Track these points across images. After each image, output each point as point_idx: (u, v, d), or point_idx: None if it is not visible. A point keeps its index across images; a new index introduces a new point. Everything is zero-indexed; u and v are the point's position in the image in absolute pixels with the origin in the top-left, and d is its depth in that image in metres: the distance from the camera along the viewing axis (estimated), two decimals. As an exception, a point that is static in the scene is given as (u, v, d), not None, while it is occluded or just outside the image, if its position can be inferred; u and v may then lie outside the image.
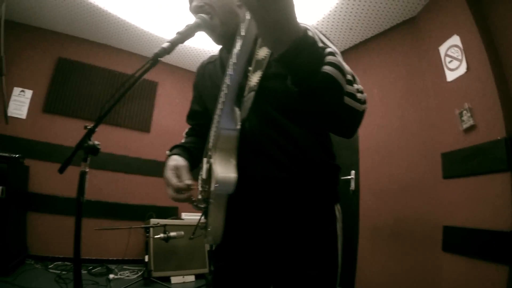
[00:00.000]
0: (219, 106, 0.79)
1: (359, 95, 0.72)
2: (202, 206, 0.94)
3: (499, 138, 2.26)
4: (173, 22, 3.84)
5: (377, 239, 3.23)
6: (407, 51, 3.43)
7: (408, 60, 3.39)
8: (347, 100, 0.68)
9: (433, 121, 2.99)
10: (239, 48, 0.65)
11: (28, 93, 3.93)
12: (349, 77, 0.69)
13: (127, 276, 3.46)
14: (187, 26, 0.99)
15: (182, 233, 2.74)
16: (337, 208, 0.91)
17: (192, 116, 1.25)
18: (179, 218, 4.32)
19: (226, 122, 0.78)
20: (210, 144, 0.89)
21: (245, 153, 0.84)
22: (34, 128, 3.89)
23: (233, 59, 0.68)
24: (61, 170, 1.17)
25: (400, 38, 3.53)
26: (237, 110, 0.80)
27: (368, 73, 3.76)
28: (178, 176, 0.91)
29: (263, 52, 0.85)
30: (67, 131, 4.03)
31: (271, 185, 0.84)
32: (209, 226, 0.87)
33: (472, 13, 2.60)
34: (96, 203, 3.97)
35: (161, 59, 0.95)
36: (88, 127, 1.13)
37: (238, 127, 0.79)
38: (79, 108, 4.21)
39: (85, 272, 3.38)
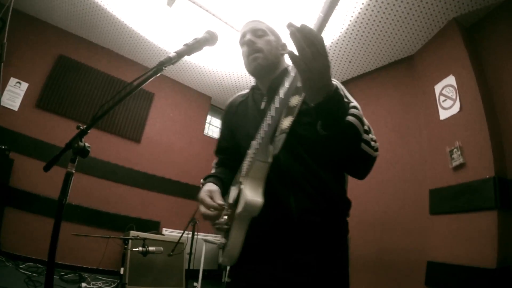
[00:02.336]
0: (258, 140, 0.92)
1: (373, 143, 0.90)
2: (225, 227, 1.02)
3: (487, 177, 2.31)
4: (179, 37, 3.90)
5: (360, 271, 3.18)
6: (403, 88, 3.53)
7: (403, 96, 3.48)
8: (363, 146, 0.86)
9: (423, 157, 3.03)
10: (282, 96, 0.81)
11: (24, 85, 3.89)
12: (366, 127, 0.88)
13: (100, 287, 3.32)
14: (195, 39, 1.03)
15: (161, 248, 2.65)
16: (348, 238, 1.06)
17: (220, 151, 1.36)
18: (160, 233, 4.21)
19: (262, 155, 0.91)
20: (243, 173, 1.00)
21: (279, 185, 0.98)
22: (24, 122, 3.81)
23: (275, 104, 0.84)
24: (46, 168, 1.13)
25: (397, 74, 3.64)
26: (271, 146, 0.92)
27: (363, 106, 3.81)
28: (211, 198, 1.01)
29: (295, 101, 0.97)
30: (57, 130, 3.97)
31: (304, 215, 0.95)
32: (228, 246, 0.95)
33: (468, 55, 2.72)
34: (77, 207, 3.86)
35: (161, 71, 0.98)
36: (81, 127, 1.10)
37: (270, 160, 0.91)
38: (73, 109, 4.16)
39: (57, 277, 3.22)
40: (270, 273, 0.97)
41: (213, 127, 6.11)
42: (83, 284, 3.18)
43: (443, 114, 2.85)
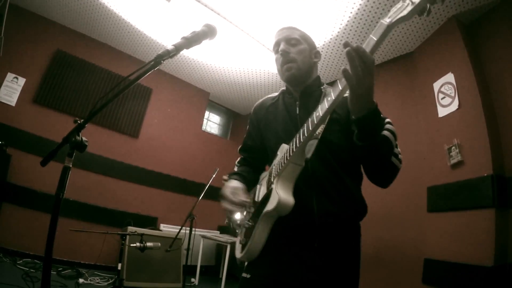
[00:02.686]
0: (295, 144, 0.96)
1: (400, 156, 0.98)
2: (249, 224, 1.08)
3: (485, 175, 2.31)
4: (179, 32, 3.87)
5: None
6: (402, 85, 3.52)
7: (402, 93, 3.47)
8: (393, 159, 0.94)
9: (421, 154, 3.03)
10: (327, 106, 0.85)
11: (21, 80, 3.85)
12: (396, 142, 0.96)
13: (97, 283, 3.32)
14: (193, 32, 1.02)
15: (159, 244, 2.65)
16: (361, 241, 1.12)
17: (245, 149, 1.40)
18: (158, 229, 4.21)
19: (297, 158, 0.97)
20: (274, 173, 1.05)
21: (304, 186, 1.02)
22: (22, 118, 3.79)
23: (318, 113, 0.88)
24: (43, 163, 1.11)
25: (397, 71, 3.63)
26: (304, 151, 0.96)
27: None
28: (236, 194, 1.08)
29: None
30: (55, 126, 3.94)
31: (324, 217, 1.01)
32: (250, 243, 1.00)
33: (467, 53, 2.71)
34: (74, 203, 3.84)
35: (160, 65, 0.99)
36: (79, 121, 1.08)
37: (303, 164, 0.98)
38: (70, 104, 4.14)
39: (54, 273, 3.22)
40: (290, 271, 1.01)
41: (211, 123, 6.10)
42: (81, 280, 3.18)
43: (442, 112, 2.85)
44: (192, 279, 4.05)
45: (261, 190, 1.13)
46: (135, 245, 2.54)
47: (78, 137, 1.07)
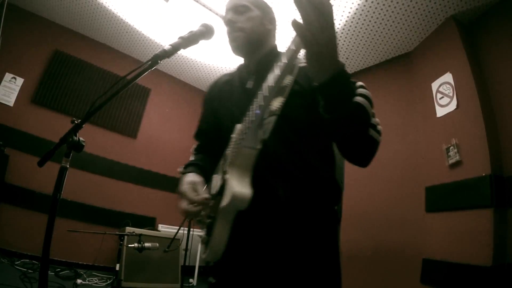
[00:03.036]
0: (246, 124, 0.82)
1: (378, 127, 0.82)
2: (207, 221, 0.94)
3: (484, 174, 2.32)
4: (177, 32, 3.86)
5: (355, 268, 3.18)
6: (400, 85, 3.52)
7: (401, 93, 3.48)
8: (371, 131, 0.78)
9: (419, 154, 3.04)
10: (279, 73, 0.70)
11: (19, 81, 3.84)
12: (373, 110, 0.79)
13: (96, 283, 3.30)
14: (190, 32, 1.01)
15: (157, 245, 2.64)
16: (339, 229, 0.97)
17: (200, 134, 1.25)
18: (156, 229, 4.20)
19: (250, 141, 0.81)
20: (227, 161, 0.89)
21: (265, 171, 0.88)
22: (20, 118, 3.77)
23: (269, 83, 0.73)
24: (40, 163, 1.11)
25: (395, 71, 3.63)
26: (260, 131, 0.82)
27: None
28: (195, 190, 0.93)
29: (286, 80, 0.85)
30: (53, 126, 3.92)
31: (292, 204, 0.88)
32: (212, 241, 0.87)
33: (466, 52, 2.72)
34: (72, 203, 3.82)
35: (157, 64, 0.97)
36: (76, 121, 1.08)
37: (259, 147, 0.82)
38: (69, 105, 4.12)
39: (52, 273, 3.21)
40: (257, 272, 0.88)
41: (210, 123, 6.09)
42: (79, 281, 3.15)
43: (440, 112, 2.86)
44: (191, 280, 4.04)
45: (218, 181, 0.97)
46: (133, 245, 2.54)
47: (75, 137, 1.07)
